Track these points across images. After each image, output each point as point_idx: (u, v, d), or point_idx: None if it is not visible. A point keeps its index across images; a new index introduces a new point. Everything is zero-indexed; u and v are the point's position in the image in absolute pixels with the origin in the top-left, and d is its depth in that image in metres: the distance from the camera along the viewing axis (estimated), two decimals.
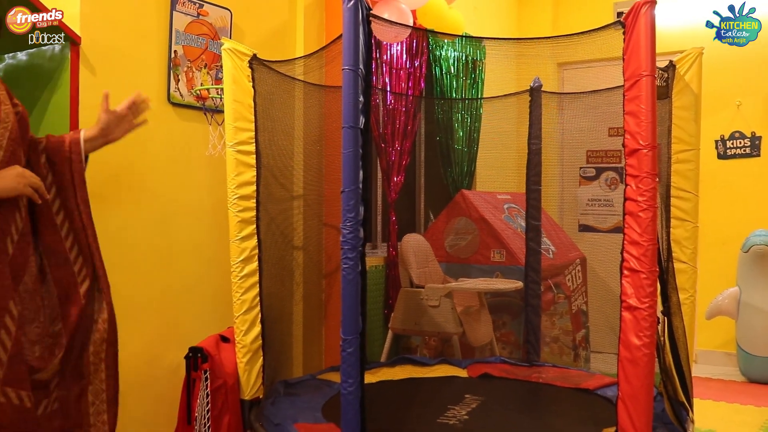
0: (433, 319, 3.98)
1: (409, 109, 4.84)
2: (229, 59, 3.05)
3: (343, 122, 2.27)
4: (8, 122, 2.02)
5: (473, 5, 5.66)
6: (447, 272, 4.57)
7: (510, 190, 5.11)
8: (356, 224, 2.32)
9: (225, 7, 3.57)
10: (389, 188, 4.67)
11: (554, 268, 4.75)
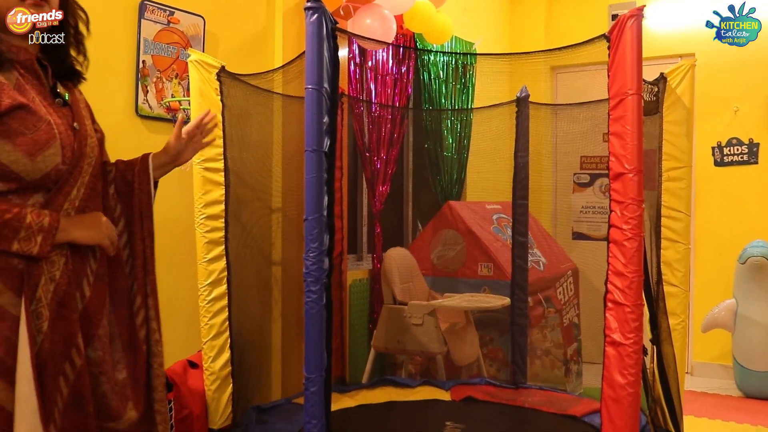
0: (417, 337, 3.83)
1: (395, 117, 4.68)
2: (196, 72, 2.90)
3: (306, 145, 2.12)
4: (92, 156, 1.92)
5: (463, 7, 5.50)
6: (433, 286, 4.42)
7: (501, 199, 4.95)
8: (320, 255, 2.17)
9: (197, 14, 3.42)
10: (374, 198, 4.52)
11: (544, 282, 4.60)
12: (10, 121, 1.74)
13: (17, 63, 1.83)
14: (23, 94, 1.79)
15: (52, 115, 1.83)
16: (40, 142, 1.77)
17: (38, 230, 1.76)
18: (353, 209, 4.75)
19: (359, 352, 4.35)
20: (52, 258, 1.81)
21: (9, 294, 1.75)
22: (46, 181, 1.81)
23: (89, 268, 1.91)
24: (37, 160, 1.77)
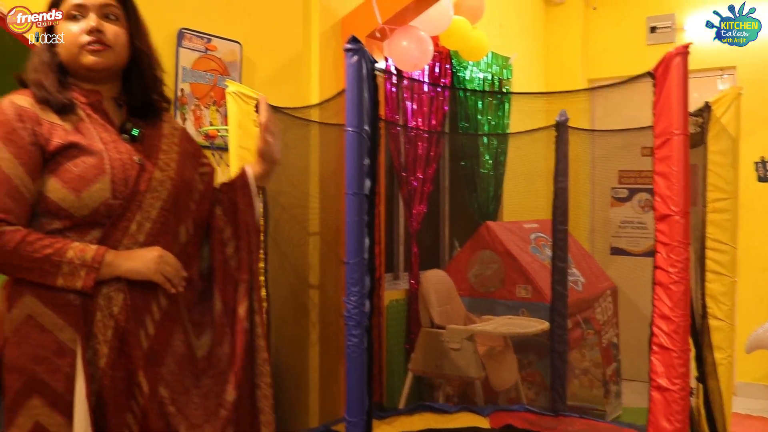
0: (455, 362, 3.81)
1: (431, 135, 4.66)
2: (234, 103, 2.89)
3: (347, 188, 2.11)
4: (162, 190, 1.90)
5: (498, 22, 5.45)
6: (470, 307, 4.39)
7: (539, 217, 4.90)
8: (361, 298, 2.16)
9: (234, 41, 3.42)
10: (411, 219, 4.50)
11: (583, 302, 4.54)
12: (61, 159, 1.78)
13: (85, 104, 1.87)
14: (80, 132, 1.82)
15: (109, 150, 1.83)
16: (87, 178, 1.78)
17: (81, 265, 1.76)
18: (390, 228, 4.73)
19: (396, 373, 4.34)
20: (110, 294, 1.80)
21: (69, 330, 1.76)
22: (98, 216, 1.81)
23: (155, 305, 1.88)
24: (82, 195, 1.78)
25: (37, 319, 1.77)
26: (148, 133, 1.94)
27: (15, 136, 1.77)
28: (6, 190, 1.75)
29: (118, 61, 1.88)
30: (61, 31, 1.86)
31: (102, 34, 1.83)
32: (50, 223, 1.81)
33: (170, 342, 1.91)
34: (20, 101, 1.81)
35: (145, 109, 1.95)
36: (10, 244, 1.74)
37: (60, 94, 1.83)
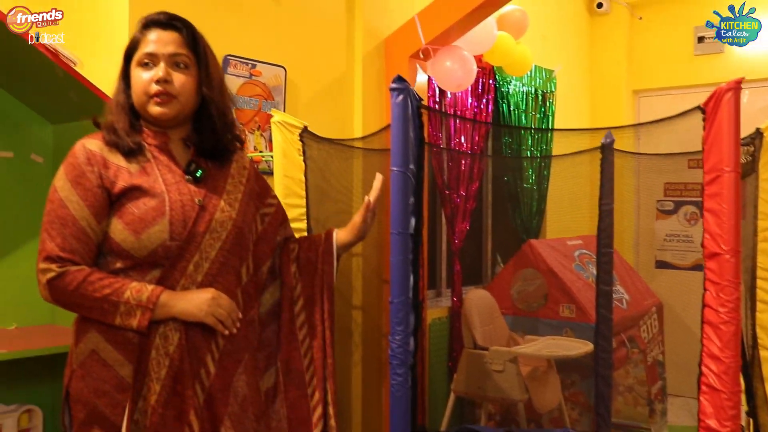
0: (498, 384, 3.79)
1: (474, 152, 4.64)
2: (279, 132, 2.91)
3: (392, 227, 2.11)
4: (222, 231, 1.94)
5: (542, 34, 5.41)
6: (513, 326, 4.36)
7: (582, 233, 4.85)
8: (406, 337, 2.16)
9: (279, 65, 3.45)
10: (453, 236, 4.49)
11: (628, 321, 4.48)
12: (125, 200, 1.86)
13: (153, 146, 1.94)
14: (145, 174, 1.89)
15: (170, 192, 1.89)
16: (146, 220, 1.85)
17: (136, 305, 1.82)
18: (432, 244, 4.72)
19: (438, 391, 4.33)
20: (166, 333, 1.85)
21: (129, 366, 1.84)
22: (157, 257, 1.86)
23: (214, 345, 1.92)
24: (142, 237, 1.84)
25: (100, 355, 1.85)
26: (213, 174, 1.99)
27: (83, 179, 1.85)
28: (73, 231, 1.83)
29: (183, 110, 1.93)
30: (134, 77, 1.93)
31: (169, 84, 1.89)
32: (114, 262, 1.88)
33: (232, 383, 1.94)
34: (90, 145, 1.90)
35: (213, 149, 2.00)
36: (72, 284, 1.82)
37: (129, 137, 1.91)
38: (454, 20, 3.67)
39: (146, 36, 1.93)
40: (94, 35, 2.97)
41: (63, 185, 1.87)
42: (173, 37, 1.93)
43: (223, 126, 2.00)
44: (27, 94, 2.87)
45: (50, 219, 1.86)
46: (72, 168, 1.88)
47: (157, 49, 1.90)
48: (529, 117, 5.22)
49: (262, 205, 2.12)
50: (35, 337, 2.74)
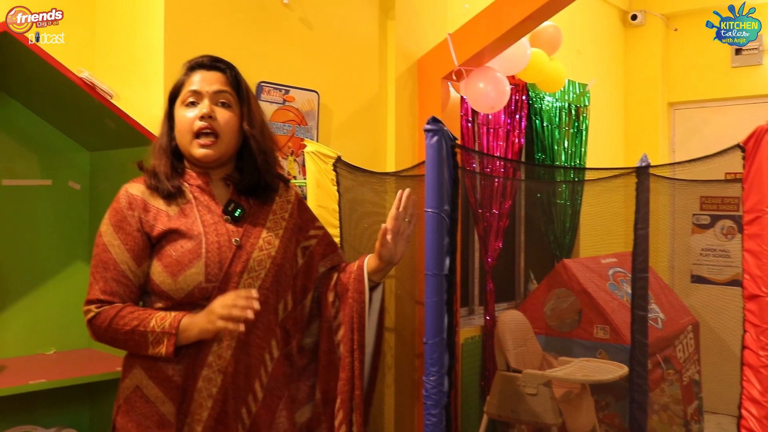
0: (531, 408, 3.76)
1: (507, 170, 4.62)
2: (313, 162, 2.92)
3: (427, 268, 2.10)
4: (260, 269, 1.96)
5: (575, 48, 5.37)
6: (546, 346, 4.33)
7: (616, 250, 4.80)
8: (440, 377, 2.15)
9: (312, 90, 3.45)
10: (486, 255, 4.47)
11: (663, 341, 4.43)
12: (164, 243, 1.90)
13: (194, 187, 1.98)
14: (184, 216, 1.93)
15: (208, 233, 1.92)
16: (183, 263, 1.88)
17: (162, 333, 1.85)
18: (465, 262, 4.71)
19: (471, 411, 4.32)
20: (210, 376, 1.88)
21: (169, 404, 1.88)
22: (194, 298, 1.89)
23: (258, 384, 1.94)
24: (178, 279, 1.88)
25: (143, 391, 1.90)
26: (253, 212, 2.01)
27: (125, 223, 1.92)
28: (113, 275, 1.90)
29: (227, 150, 1.97)
30: (178, 116, 1.97)
31: (213, 120, 1.93)
32: (156, 302, 1.93)
33: (275, 420, 1.97)
34: (133, 189, 1.97)
35: (254, 187, 2.02)
36: (106, 321, 1.88)
37: (169, 181, 1.95)
38: (488, 41, 3.66)
39: (191, 77, 1.99)
40: (128, 66, 3.00)
41: (106, 230, 1.94)
42: (217, 76, 1.98)
43: (264, 164, 2.02)
44: (65, 124, 2.91)
45: (95, 263, 1.93)
46: (115, 213, 1.95)
47: (202, 87, 1.95)
48: (562, 132, 5.19)
49: (303, 239, 2.12)
50: (73, 361, 2.77)
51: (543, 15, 3.64)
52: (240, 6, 3.14)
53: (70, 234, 2.99)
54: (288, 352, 2.06)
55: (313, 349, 2.11)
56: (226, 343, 1.90)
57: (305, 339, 2.12)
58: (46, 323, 2.92)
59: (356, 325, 2.07)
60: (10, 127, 2.82)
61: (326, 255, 2.15)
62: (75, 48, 3.03)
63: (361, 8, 3.72)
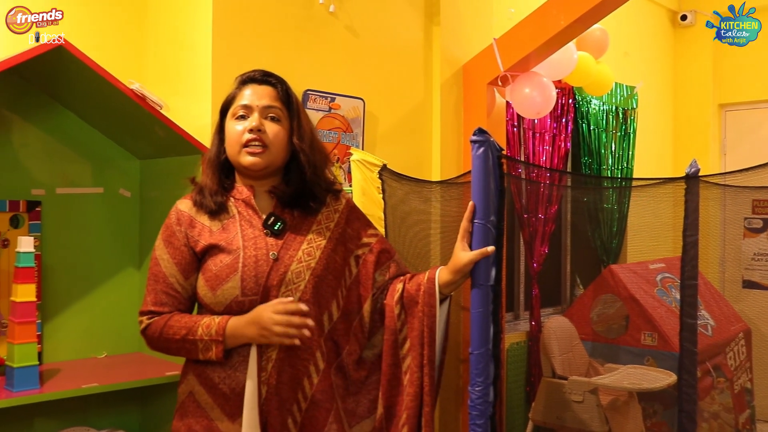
0: (577, 415, 3.74)
1: (553, 174, 4.59)
2: (358, 170, 2.94)
3: (473, 279, 2.10)
4: (299, 281, 1.98)
5: (623, 50, 5.31)
6: (593, 353, 4.29)
7: (664, 255, 4.73)
8: (486, 388, 2.15)
9: (357, 97, 3.47)
10: (532, 260, 4.45)
11: (713, 348, 4.36)
12: (207, 257, 1.97)
13: (239, 200, 2.03)
14: (225, 232, 1.98)
15: (247, 247, 1.96)
16: (221, 277, 1.93)
17: (210, 341, 1.91)
18: (510, 267, 4.69)
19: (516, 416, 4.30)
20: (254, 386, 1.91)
21: (218, 410, 1.94)
22: (232, 312, 1.94)
23: (302, 395, 1.96)
24: (217, 293, 1.94)
25: (195, 396, 1.97)
26: (296, 223, 2.03)
27: (173, 238, 2.00)
28: (163, 287, 1.99)
29: (275, 160, 2.01)
30: (229, 129, 2.02)
31: (263, 133, 1.97)
32: (204, 314, 2.00)
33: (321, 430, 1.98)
34: (182, 205, 2.05)
35: (299, 199, 2.04)
36: (156, 331, 1.96)
37: (213, 197, 2.01)
38: (534, 46, 3.64)
39: (242, 91, 2.04)
40: (177, 77, 3.05)
41: (159, 244, 2.04)
42: (268, 91, 2.03)
43: (314, 176, 2.05)
44: (116, 133, 2.97)
45: (149, 275, 2.03)
46: (165, 228, 2.04)
47: (252, 101, 2.00)
48: (609, 135, 5.14)
49: (356, 247, 2.12)
50: (124, 365, 2.83)
51: (590, 19, 3.61)
52: (286, 15, 3.17)
53: (121, 240, 3.05)
54: (340, 364, 2.06)
55: (374, 362, 2.10)
56: (267, 355, 1.93)
57: (366, 351, 2.11)
58: (98, 328, 2.98)
59: (426, 339, 2.05)
60: (64, 137, 2.89)
61: (381, 263, 2.13)
62: (126, 59, 3.09)
63: (406, 15, 3.73)
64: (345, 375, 2.07)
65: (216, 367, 1.94)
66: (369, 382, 2.10)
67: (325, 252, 2.03)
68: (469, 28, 3.98)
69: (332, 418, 2.00)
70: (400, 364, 2.08)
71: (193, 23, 2.99)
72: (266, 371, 1.92)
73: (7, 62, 2.30)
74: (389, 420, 2.08)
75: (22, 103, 2.79)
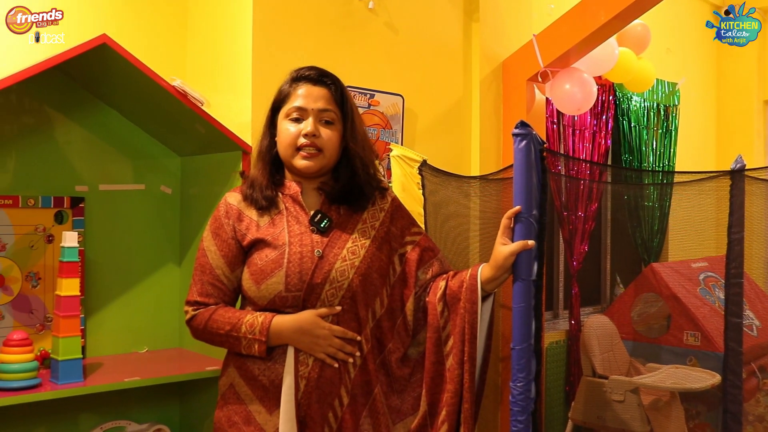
0: (618, 414, 3.69)
1: (593, 172, 4.54)
2: (398, 166, 2.93)
3: (515, 273, 2.08)
4: (343, 280, 1.99)
5: (665, 46, 5.23)
6: (633, 352, 4.23)
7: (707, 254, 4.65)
8: (527, 384, 2.12)
9: (397, 94, 3.46)
10: (572, 258, 4.40)
11: (758, 348, 4.27)
12: (253, 251, 1.99)
13: (287, 196, 2.04)
14: (273, 227, 1.99)
15: (292, 243, 1.97)
16: (266, 272, 1.95)
17: (253, 339, 1.93)
18: (549, 265, 4.65)
19: (555, 416, 4.26)
20: (292, 382, 1.92)
21: (257, 403, 1.96)
22: (276, 306, 1.96)
23: (344, 389, 1.96)
24: (261, 287, 1.95)
25: (236, 389, 2.00)
26: (342, 221, 2.04)
27: (221, 231, 2.02)
28: (209, 278, 2.01)
29: (327, 164, 2.02)
30: (282, 129, 2.02)
31: (317, 138, 1.98)
32: (248, 307, 2.03)
33: (358, 426, 1.98)
34: (231, 198, 2.06)
35: (348, 196, 2.05)
36: (201, 324, 2.00)
37: (264, 191, 2.02)
38: (574, 42, 3.59)
39: (296, 90, 2.03)
40: (218, 73, 3.07)
41: (207, 236, 2.06)
42: (323, 93, 2.02)
43: (366, 176, 2.06)
44: (157, 130, 3.00)
45: (195, 266, 2.05)
46: (214, 220, 2.06)
47: (307, 104, 1.99)
48: (650, 133, 5.07)
49: (399, 246, 2.12)
50: (165, 360, 2.85)
51: (631, 14, 3.56)
52: (326, 12, 3.17)
53: (162, 237, 3.07)
54: (383, 361, 2.06)
55: (418, 360, 2.10)
56: None
57: (411, 349, 2.10)
58: (139, 323, 3.01)
59: (468, 336, 2.04)
60: (106, 134, 2.93)
61: (424, 260, 2.13)
62: (167, 56, 3.12)
63: (445, 11, 3.71)
64: (388, 372, 2.07)
65: (256, 360, 1.97)
66: (414, 379, 2.09)
67: (370, 251, 2.03)
68: (508, 24, 3.95)
69: (367, 412, 2.00)
70: (444, 361, 2.07)
71: (233, 20, 3.00)
72: (307, 365, 1.94)
73: (52, 60, 2.33)
74: (432, 417, 2.07)
75: (66, 101, 2.83)
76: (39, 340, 2.69)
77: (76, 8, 2.83)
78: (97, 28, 2.70)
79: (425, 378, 2.07)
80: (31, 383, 2.32)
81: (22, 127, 2.75)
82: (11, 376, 2.30)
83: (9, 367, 2.31)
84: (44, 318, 2.74)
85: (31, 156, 2.76)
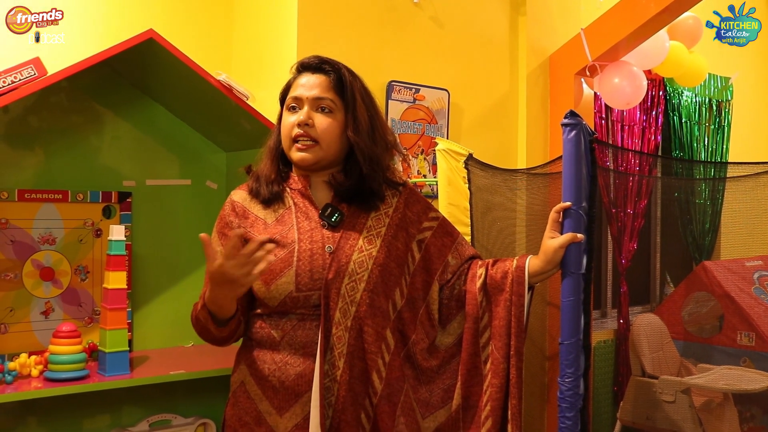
0: (668, 415, 3.61)
1: (643, 168, 4.45)
2: (444, 160, 2.89)
3: (564, 267, 2.03)
4: (362, 272, 1.89)
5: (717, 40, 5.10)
6: (684, 353, 4.14)
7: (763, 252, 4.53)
8: (576, 379, 2.07)
9: (442, 88, 3.43)
10: (620, 256, 4.32)
11: None
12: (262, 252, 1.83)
13: (294, 191, 1.96)
14: (280, 224, 1.91)
15: (302, 240, 1.88)
16: (275, 271, 1.85)
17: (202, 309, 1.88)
18: (597, 263, 4.57)
19: (603, 416, 4.19)
20: (327, 384, 1.84)
21: (266, 402, 1.88)
22: (287, 307, 1.87)
23: (372, 389, 1.88)
24: (271, 288, 1.86)
25: (246, 387, 1.92)
26: (353, 213, 1.94)
27: (227, 229, 1.95)
28: None
29: (326, 155, 1.92)
30: (282, 121, 1.96)
31: (310, 127, 1.88)
32: (257, 308, 1.94)
33: (393, 426, 1.89)
34: (236, 196, 2.00)
35: (357, 192, 1.95)
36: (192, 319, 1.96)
37: (270, 185, 1.94)
38: (624, 35, 3.53)
39: (297, 80, 1.95)
40: (263, 68, 3.08)
41: (213, 236, 1.98)
42: (320, 80, 1.92)
43: (371, 172, 1.93)
44: (203, 126, 3.01)
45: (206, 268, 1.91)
46: (219, 219, 2.00)
47: (302, 93, 1.90)
48: (702, 129, 4.95)
49: (417, 231, 2.01)
50: (210, 354, 2.86)
51: (682, 6, 3.48)
52: (371, 7, 3.16)
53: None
54: (407, 353, 1.97)
55: (447, 350, 2.01)
56: (338, 351, 1.84)
57: (441, 338, 2.01)
58: (185, 317, 2.98)
59: (514, 330, 1.95)
60: (153, 130, 2.95)
61: (446, 245, 2.04)
62: (213, 51, 3.13)
63: (491, 5, 3.67)
64: (414, 365, 1.97)
65: (266, 359, 1.88)
66: (442, 371, 2.00)
67: (386, 238, 1.93)
68: (555, 18, 3.89)
69: (399, 410, 1.91)
70: (480, 353, 1.98)
71: (278, 15, 3.01)
72: (338, 367, 1.84)
73: (101, 55, 2.36)
74: (467, 410, 1.99)
75: (114, 98, 2.87)
76: (87, 333, 2.72)
77: (124, 4, 2.87)
78: (144, 24, 2.72)
79: (461, 370, 1.98)
80: (79, 374, 2.35)
81: (72, 124, 2.79)
82: (60, 367, 2.33)
83: (58, 358, 2.34)
84: (92, 311, 2.77)
85: (81, 152, 2.80)
